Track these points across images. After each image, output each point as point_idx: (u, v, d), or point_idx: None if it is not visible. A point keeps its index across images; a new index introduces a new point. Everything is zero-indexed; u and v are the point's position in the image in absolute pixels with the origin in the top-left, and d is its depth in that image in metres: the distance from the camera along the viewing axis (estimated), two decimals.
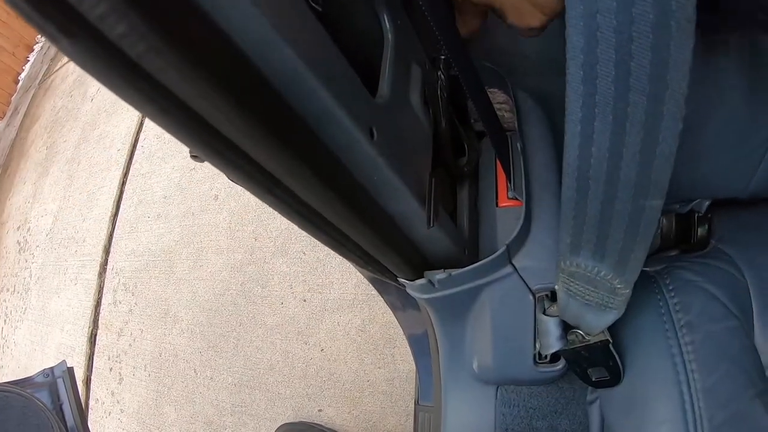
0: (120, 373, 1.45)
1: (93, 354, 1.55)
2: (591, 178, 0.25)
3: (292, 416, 1.09)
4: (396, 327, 0.99)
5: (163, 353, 1.37)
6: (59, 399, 0.69)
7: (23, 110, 2.61)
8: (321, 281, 1.15)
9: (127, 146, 1.79)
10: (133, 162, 1.76)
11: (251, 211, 1.34)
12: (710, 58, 0.39)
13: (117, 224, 1.68)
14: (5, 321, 1.97)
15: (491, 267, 0.38)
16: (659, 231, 0.47)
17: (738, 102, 0.41)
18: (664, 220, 0.47)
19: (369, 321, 1.06)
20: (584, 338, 0.36)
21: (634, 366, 0.38)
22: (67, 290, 1.73)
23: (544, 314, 0.38)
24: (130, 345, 1.46)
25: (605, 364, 0.38)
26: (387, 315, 1.03)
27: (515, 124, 0.44)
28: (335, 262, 1.15)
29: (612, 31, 0.19)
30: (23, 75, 2.84)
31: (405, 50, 0.33)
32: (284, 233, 1.25)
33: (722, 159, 0.44)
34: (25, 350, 1.80)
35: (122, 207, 1.70)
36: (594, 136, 0.23)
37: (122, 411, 1.39)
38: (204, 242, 1.41)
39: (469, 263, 0.37)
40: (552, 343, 0.37)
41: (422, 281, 0.38)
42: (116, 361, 1.47)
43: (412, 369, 0.95)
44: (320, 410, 1.06)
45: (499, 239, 0.42)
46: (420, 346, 0.70)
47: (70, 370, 0.71)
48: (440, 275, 0.37)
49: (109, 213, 1.71)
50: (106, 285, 1.62)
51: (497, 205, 0.43)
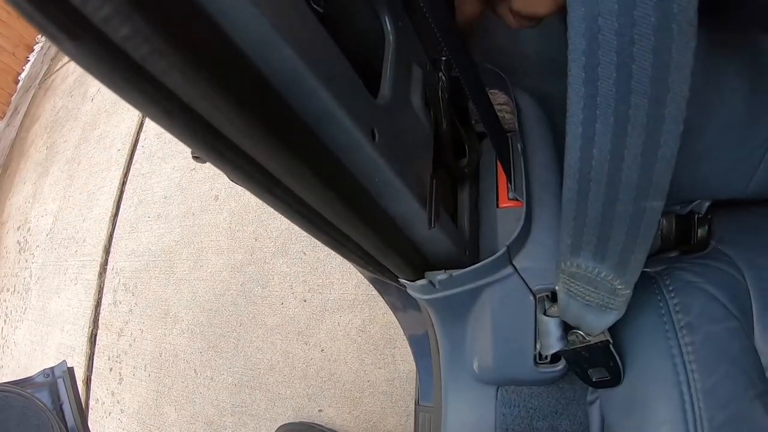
0: (120, 373, 1.45)
1: (93, 354, 1.55)
2: (592, 180, 0.25)
3: (293, 416, 1.09)
4: (396, 327, 0.99)
5: (164, 353, 1.37)
6: (59, 399, 0.69)
7: (23, 110, 2.61)
8: (321, 281, 1.15)
9: (128, 146, 1.79)
10: (134, 162, 1.75)
11: (251, 212, 1.34)
12: (710, 60, 0.39)
13: (117, 224, 1.68)
14: (5, 321, 1.97)
15: (492, 268, 0.38)
16: (659, 232, 0.47)
17: (738, 103, 0.41)
18: (665, 222, 0.47)
19: (369, 321, 1.06)
20: (585, 339, 0.36)
21: (635, 366, 0.38)
22: (67, 290, 1.73)
23: (545, 315, 0.38)
24: (131, 345, 1.46)
25: (606, 365, 0.38)
26: (387, 315, 1.03)
27: (516, 125, 0.44)
28: (335, 263, 1.15)
29: (613, 34, 0.19)
30: (23, 75, 2.84)
31: (406, 51, 0.33)
32: (284, 233, 1.25)
33: (722, 160, 0.44)
34: (25, 350, 1.80)
35: (122, 207, 1.70)
36: (595, 138, 0.23)
37: (122, 411, 1.39)
38: (204, 242, 1.40)
39: (470, 264, 0.37)
40: (552, 344, 0.37)
41: (423, 282, 0.38)
42: (116, 361, 1.47)
43: (413, 369, 0.95)
44: (320, 410, 1.06)
45: (500, 240, 0.42)
46: (420, 347, 0.70)
47: (71, 370, 0.71)
48: (441, 276, 0.37)
49: (110, 213, 1.71)
50: (107, 285, 1.62)
51: (498, 206, 0.43)
